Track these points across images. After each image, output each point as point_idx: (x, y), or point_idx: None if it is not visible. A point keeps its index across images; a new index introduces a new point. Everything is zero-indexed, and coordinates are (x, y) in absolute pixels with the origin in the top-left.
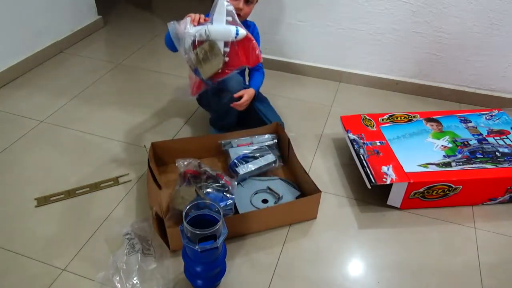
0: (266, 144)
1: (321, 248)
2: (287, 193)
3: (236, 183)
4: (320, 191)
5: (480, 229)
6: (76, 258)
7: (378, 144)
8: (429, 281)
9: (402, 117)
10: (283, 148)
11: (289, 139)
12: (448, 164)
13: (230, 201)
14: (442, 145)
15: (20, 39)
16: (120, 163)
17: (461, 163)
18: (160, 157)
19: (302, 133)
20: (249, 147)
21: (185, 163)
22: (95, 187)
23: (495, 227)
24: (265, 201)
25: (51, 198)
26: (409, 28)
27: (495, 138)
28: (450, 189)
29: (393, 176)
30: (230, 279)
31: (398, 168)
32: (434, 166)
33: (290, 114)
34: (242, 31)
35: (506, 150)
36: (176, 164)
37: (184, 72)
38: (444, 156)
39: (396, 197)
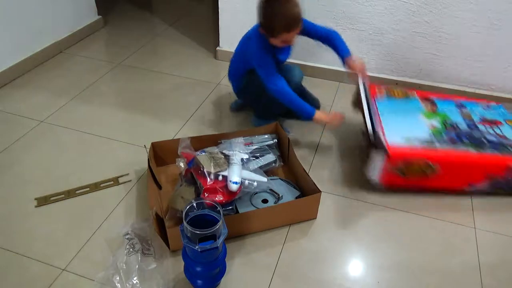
0: (266, 144)
1: (321, 248)
2: (287, 193)
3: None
4: (320, 191)
5: (480, 229)
6: (76, 258)
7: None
8: (429, 281)
9: (400, 93)
10: (283, 148)
11: (289, 139)
12: (431, 143)
13: None
14: (431, 125)
15: (20, 39)
16: (120, 163)
17: (445, 144)
18: (160, 157)
19: (302, 133)
20: (249, 147)
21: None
22: (95, 187)
23: (495, 227)
24: (265, 201)
25: (51, 198)
26: (409, 28)
27: (486, 126)
28: (429, 168)
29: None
30: (230, 279)
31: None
32: (417, 142)
33: (291, 118)
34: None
35: (493, 139)
36: (176, 164)
37: (183, 72)
38: (430, 135)
39: (375, 168)
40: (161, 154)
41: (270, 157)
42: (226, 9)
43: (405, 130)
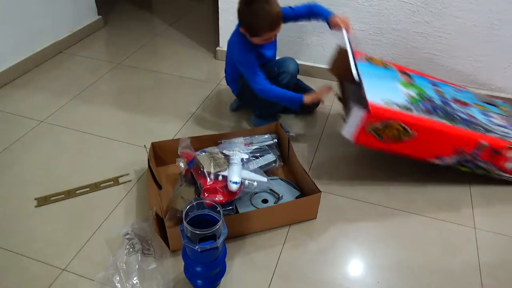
0: (266, 144)
1: (321, 248)
2: (287, 193)
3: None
4: (320, 191)
5: (480, 229)
6: (76, 258)
7: None
8: (429, 281)
9: (378, 62)
10: (283, 148)
11: (289, 139)
12: (409, 109)
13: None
14: (408, 94)
15: (20, 39)
16: (120, 163)
17: (421, 113)
18: (160, 157)
19: (302, 133)
20: (249, 147)
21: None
22: (95, 187)
23: (495, 227)
24: (265, 201)
25: (51, 198)
26: (409, 28)
27: (457, 105)
28: (405, 133)
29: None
30: (230, 279)
31: None
32: (396, 106)
33: (290, 114)
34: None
35: (464, 116)
36: (176, 164)
37: (183, 72)
38: (408, 102)
39: (352, 126)
40: (161, 154)
41: (270, 157)
42: (226, 9)
43: (384, 93)
